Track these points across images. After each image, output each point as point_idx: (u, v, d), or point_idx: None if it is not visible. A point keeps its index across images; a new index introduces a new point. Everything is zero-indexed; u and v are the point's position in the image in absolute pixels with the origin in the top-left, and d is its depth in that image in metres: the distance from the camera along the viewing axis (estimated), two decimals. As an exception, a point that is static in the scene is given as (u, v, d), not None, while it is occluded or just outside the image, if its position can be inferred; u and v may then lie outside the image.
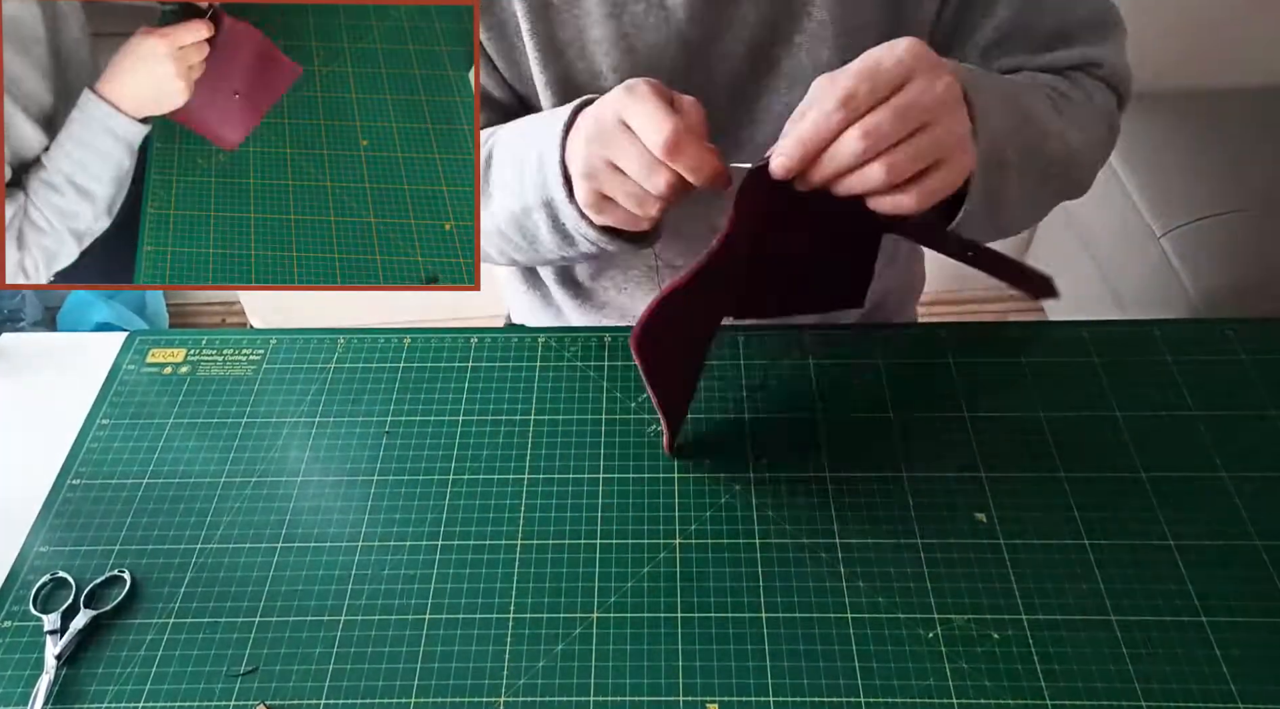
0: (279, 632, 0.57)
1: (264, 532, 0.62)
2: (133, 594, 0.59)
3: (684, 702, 0.53)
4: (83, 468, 0.65)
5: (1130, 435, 0.65)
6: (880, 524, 0.61)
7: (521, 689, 0.54)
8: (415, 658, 0.56)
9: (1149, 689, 0.53)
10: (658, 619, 0.57)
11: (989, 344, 0.72)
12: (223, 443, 0.67)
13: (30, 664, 0.56)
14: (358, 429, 0.67)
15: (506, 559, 0.60)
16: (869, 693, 0.53)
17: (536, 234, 0.65)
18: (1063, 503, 0.62)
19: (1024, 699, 0.53)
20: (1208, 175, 1.47)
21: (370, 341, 0.73)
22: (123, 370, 0.72)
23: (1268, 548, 0.59)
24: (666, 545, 0.60)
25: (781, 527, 0.61)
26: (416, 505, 0.63)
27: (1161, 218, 1.44)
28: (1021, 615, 0.56)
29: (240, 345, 0.73)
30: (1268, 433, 0.65)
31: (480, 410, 0.68)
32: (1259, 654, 0.55)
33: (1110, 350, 0.71)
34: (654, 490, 0.63)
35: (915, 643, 0.55)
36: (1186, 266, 1.38)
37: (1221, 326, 0.72)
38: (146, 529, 0.62)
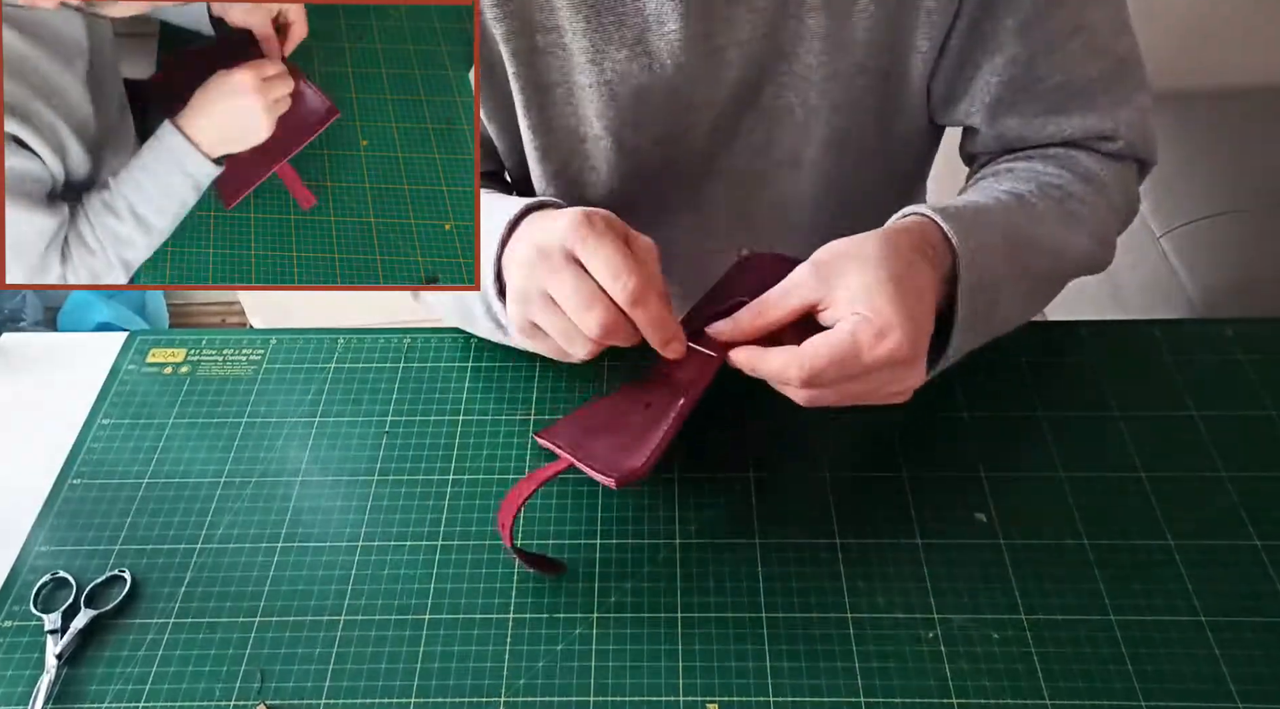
0: (279, 632, 0.57)
1: (264, 532, 0.62)
2: (133, 594, 0.59)
3: (684, 702, 0.53)
4: (83, 468, 0.65)
5: (1130, 435, 0.65)
6: (880, 524, 0.61)
7: (521, 689, 0.54)
8: (415, 658, 0.56)
9: (1149, 689, 0.53)
10: (658, 619, 0.57)
11: (990, 344, 0.72)
12: (223, 443, 0.67)
13: (31, 664, 0.56)
14: (358, 429, 0.67)
15: (506, 559, 0.60)
16: (869, 693, 0.53)
17: (473, 315, 0.65)
18: (1063, 503, 0.62)
19: (1024, 699, 0.53)
20: (1208, 175, 1.47)
21: (370, 341, 0.73)
22: (123, 370, 0.72)
23: (1268, 548, 0.59)
24: (666, 545, 0.60)
25: (781, 527, 0.61)
26: (416, 505, 0.63)
27: (1161, 218, 1.44)
28: (1021, 615, 0.56)
29: (240, 345, 0.73)
30: (1268, 433, 0.65)
31: (480, 410, 0.68)
32: (1259, 654, 0.55)
33: (1110, 350, 0.71)
34: (654, 490, 0.63)
35: (915, 643, 0.55)
36: (1186, 266, 1.38)
37: (1221, 327, 0.72)
38: (147, 529, 0.62)
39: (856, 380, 0.52)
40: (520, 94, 0.67)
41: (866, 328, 0.51)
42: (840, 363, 0.51)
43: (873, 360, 0.51)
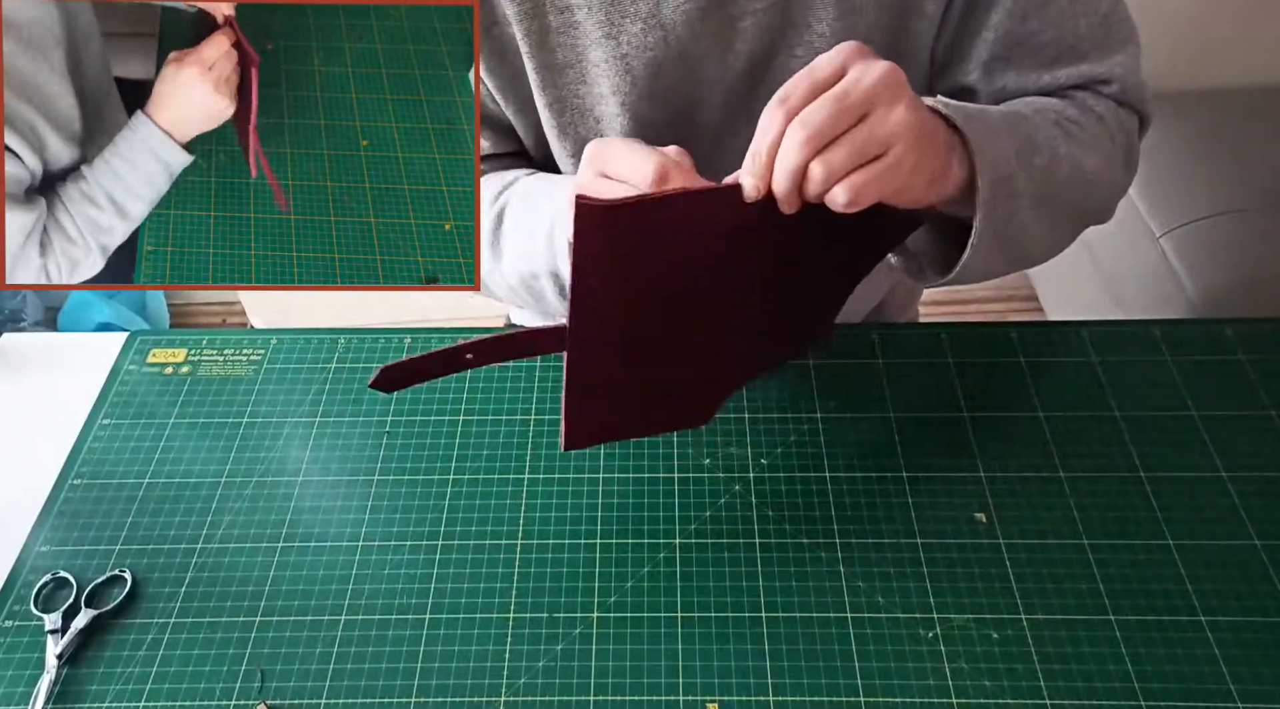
0: (279, 631, 0.57)
1: (264, 532, 0.62)
2: (133, 594, 0.59)
3: (684, 702, 0.53)
4: (84, 468, 0.65)
5: (1130, 435, 0.65)
6: (880, 524, 0.61)
7: (521, 689, 0.54)
8: (415, 658, 0.56)
9: (1149, 689, 0.53)
10: (658, 619, 0.57)
11: (989, 344, 0.72)
12: (223, 443, 0.67)
13: (31, 664, 0.56)
14: (358, 429, 0.67)
15: (506, 559, 0.60)
16: (869, 693, 0.53)
17: (543, 296, 0.67)
18: (1063, 503, 0.62)
19: (1024, 699, 0.53)
20: (1207, 175, 1.47)
21: (370, 341, 0.73)
22: (123, 370, 0.72)
23: (1267, 548, 0.59)
24: (666, 545, 0.60)
25: (781, 527, 0.61)
26: (416, 505, 0.63)
27: (1161, 218, 1.44)
28: (1021, 615, 0.56)
29: (241, 345, 0.73)
30: (1268, 433, 0.65)
31: (480, 410, 0.68)
32: (1259, 654, 0.55)
33: (1110, 350, 0.71)
34: (654, 490, 0.63)
35: (915, 643, 0.55)
36: (1186, 266, 1.38)
37: (1221, 326, 0.72)
38: (147, 529, 0.62)
39: (842, 103, 0.49)
40: (535, 74, 0.67)
41: (846, 45, 0.51)
42: (800, 74, 0.50)
43: (827, 59, 0.50)
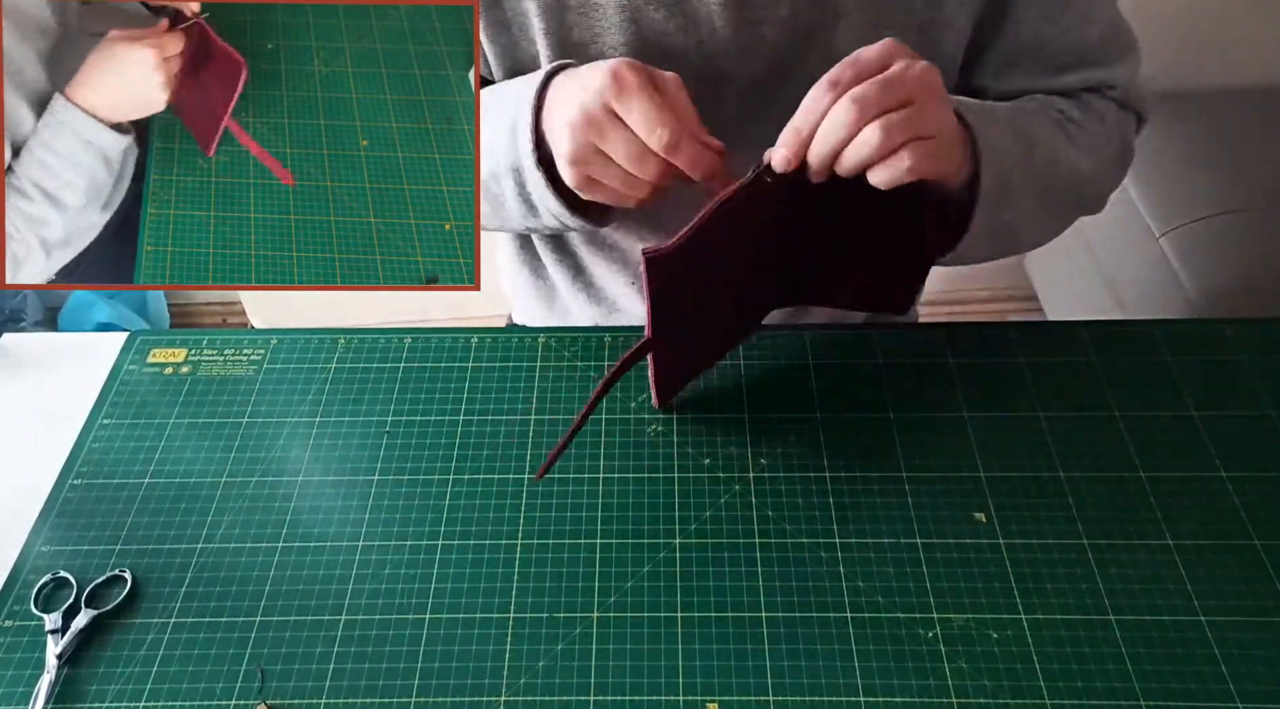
0: (279, 631, 0.57)
1: (264, 532, 0.62)
2: (134, 594, 0.59)
3: (684, 702, 0.53)
4: (84, 467, 0.65)
5: (1130, 435, 0.65)
6: (880, 524, 0.61)
7: (521, 689, 0.54)
8: (415, 658, 0.56)
9: (1149, 689, 0.53)
10: (658, 619, 0.57)
11: (989, 344, 0.72)
12: (223, 443, 0.67)
13: (31, 664, 0.56)
14: (358, 429, 0.67)
15: (506, 559, 0.60)
16: (869, 693, 0.53)
17: (503, 203, 0.66)
18: (1063, 503, 0.62)
19: (1024, 699, 0.53)
20: (1207, 175, 1.47)
21: (370, 342, 0.73)
22: (124, 370, 0.72)
23: (1267, 548, 0.59)
24: (666, 545, 0.60)
25: (781, 527, 0.61)
26: (416, 505, 0.63)
27: (1161, 218, 1.44)
28: (1021, 615, 0.56)
29: (241, 345, 0.73)
30: (1267, 433, 0.65)
31: (480, 410, 0.68)
32: (1259, 654, 0.55)
33: (1110, 350, 0.71)
34: (654, 490, 0.63)
35: (915, 643, 0.55)
36: (1186, 266, 1.38)
37: (1221, 327, 0.72)
38: (148, 529, 0.62)
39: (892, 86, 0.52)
40: (549, 51, 0.67)
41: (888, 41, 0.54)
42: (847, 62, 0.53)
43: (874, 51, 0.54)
